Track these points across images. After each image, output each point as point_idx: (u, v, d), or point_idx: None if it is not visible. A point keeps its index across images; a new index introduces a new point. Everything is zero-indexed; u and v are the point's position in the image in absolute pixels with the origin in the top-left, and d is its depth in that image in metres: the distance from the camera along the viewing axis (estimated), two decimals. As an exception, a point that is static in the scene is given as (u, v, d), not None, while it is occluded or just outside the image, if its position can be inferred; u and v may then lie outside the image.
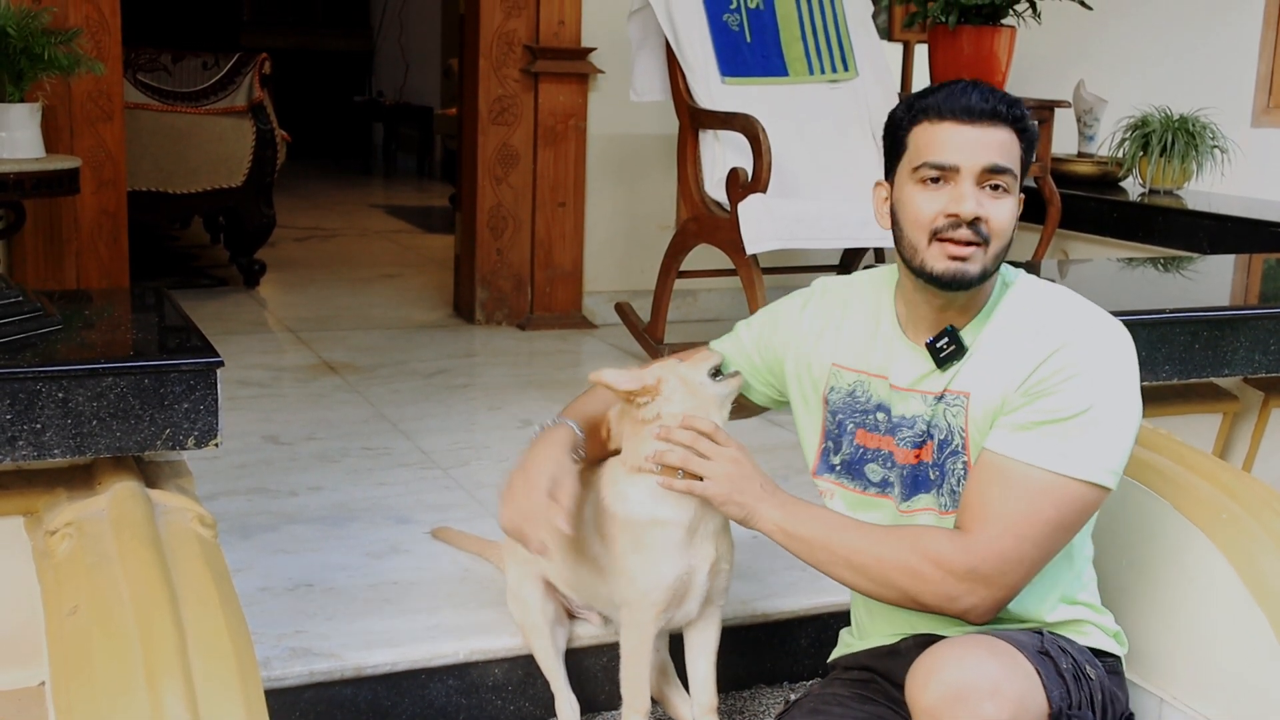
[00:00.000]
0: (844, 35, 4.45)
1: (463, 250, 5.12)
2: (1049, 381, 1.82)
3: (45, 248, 4.25)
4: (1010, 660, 1.75)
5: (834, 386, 2.04)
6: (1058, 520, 1.81)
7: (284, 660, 2.21)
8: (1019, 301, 1.93)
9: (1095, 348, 1.85)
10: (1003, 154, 1.85)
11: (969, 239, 1.84)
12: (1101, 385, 1.82)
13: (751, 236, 3.80)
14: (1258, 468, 2.99)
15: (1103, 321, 1.90)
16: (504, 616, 2.37)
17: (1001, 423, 1.85)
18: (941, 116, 1.86)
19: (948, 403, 1.90)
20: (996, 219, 1.85)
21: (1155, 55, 5.92)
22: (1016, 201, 1.88)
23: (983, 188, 1.85)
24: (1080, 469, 1.80)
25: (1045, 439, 1.80)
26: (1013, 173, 1.86)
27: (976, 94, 1.86)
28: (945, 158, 1.85)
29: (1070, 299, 1.94)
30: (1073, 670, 1.83)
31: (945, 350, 1.90)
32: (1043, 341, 1.85)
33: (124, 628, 1.65)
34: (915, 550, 1.83)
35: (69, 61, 3.76)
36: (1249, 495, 2.18)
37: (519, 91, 4.88)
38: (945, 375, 1.91)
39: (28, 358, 2.00)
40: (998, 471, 1.82)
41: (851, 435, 2.02)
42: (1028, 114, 1.90)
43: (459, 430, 3.64)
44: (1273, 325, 2.76)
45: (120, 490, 1.97)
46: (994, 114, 1.85)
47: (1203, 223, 4.41)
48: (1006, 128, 1.86)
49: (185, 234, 7.24)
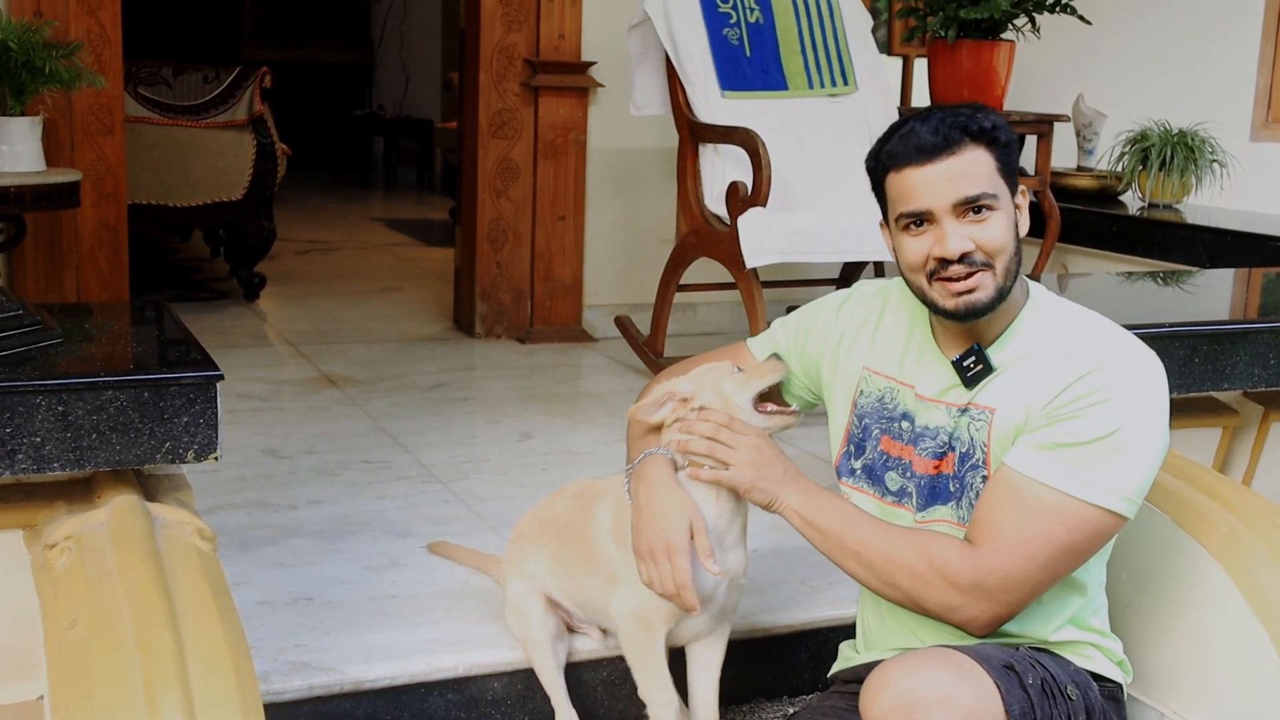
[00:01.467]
0: (843, 49, 4.46)
1: (463, 263, 5.13)
2: (1075, 405, 1.81)
3: (45, 261, 4.25)
4: (965, 673, 1.75)
5: (864, 390, 2.05)
6: (1069, 544, 1.81)
7: (283, 674, 2.21)
8: (1046, 318, 1.92)
9: (1127, 375, 1.84)
10: (971, 180, 1.83)
11: (965, 273, 1.84)
12: (1129, 412, 1.81)
13: (751, 250, 3.81)
14: (1258, 482, 2.99)
15: (1137, 349, 1.89)
16: (503, 630, 2.37)
17: (1023, 440, 1.84)
18: (900, 164, 1.86)
19: (972, 416, 1.90)
20: (987, 241, 1.84)
21: (1154, 70, 5.93)
22: (1008, 213, 1.87)
23: (964, 217, 1.84)
24: (1097, 494, 1.79)
25: (1065, 461, 1.80)
26: (988, 193, 1.84)
27: (926, 129, 1.84)
28: (916, 204, 1.85)
29: (1102, 321, 1.94)
30: (1044, 686, 1.82)
31: (972, 370, 1.90)
32: (1075, 364, 1.84)
33: (123, 641, 1.65)
34: (923, 555, 1.83)
35: (70, 75, 3.76)
36: (1249, 509, 2.18)
37: (519, 105, 4.88)
38: (971, 389, 1.91)
39: (27, 371, 2.00)
40: (1013, 489, 1.82)
41: (876, 441, 2.02)
42: (992, 120, 1.87)
43: (459, 443, 3.64)
44: (1272, 339, 2.77)
45: (120, 504, 1.97)
46: (948, 143, 1.83)
47: (1202, 237, 4.41)
48: (970, 148, 1.84)
49: (185, 247, 7.25)
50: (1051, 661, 1.89)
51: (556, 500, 2.36)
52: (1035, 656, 1.87)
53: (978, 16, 4.49)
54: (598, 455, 3.58)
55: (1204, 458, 2.91)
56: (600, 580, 2.19)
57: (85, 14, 4.18)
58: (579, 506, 2.27)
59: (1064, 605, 1.93)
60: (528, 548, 2.35)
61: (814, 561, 2.78)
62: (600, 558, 2.18)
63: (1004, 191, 1.86)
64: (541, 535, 2.33)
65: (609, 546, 2.16)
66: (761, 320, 3.91)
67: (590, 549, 2.20)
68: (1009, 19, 4.59)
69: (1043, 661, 1.87)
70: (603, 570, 2.18)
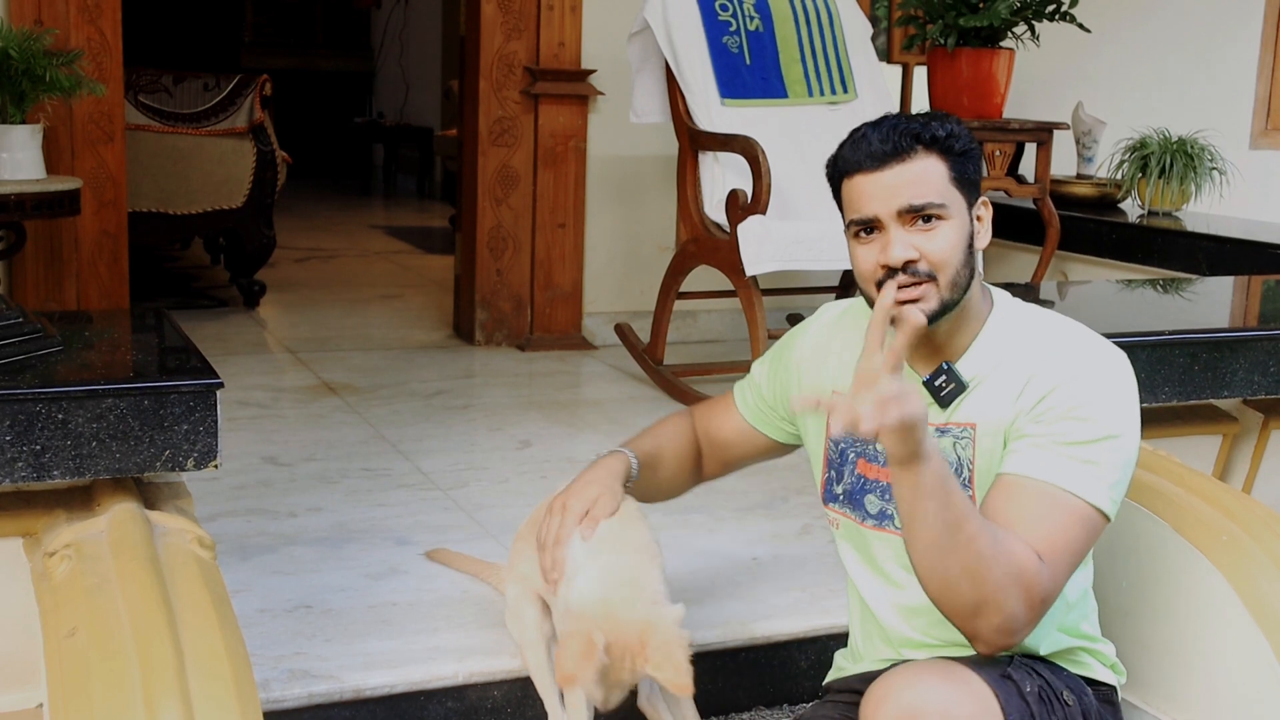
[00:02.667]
0: (843, 57, 4.47)
1: (463, 271, 5.13)
2: (1064, 406, 1.79)
3: (46, 268, 4.25)
4: (963, 684, 1.73)
5: None
6: (1083, 548, 1.80)
7: (283, 682, 2.21)
8: (1014, 325, 1.90)
9: (1107, 377, 1.83)
10: (919, 189, 1.80)
11: (909, 283, 1.80)
12: (1116, 414, 1.81)
13: (751, 258, 3.81)
14: (1258, 489, 2.99)
15: (1109, 349, 1.88)
16: (503, 638, 2.37)
17: (1019, 447, 1.80)
18: (851, 170, 1.85)
19: (955, 436, 1.88)
20: (932, 252, 1.80)
21: (1154, 77, 5.94)
22: (961, 224, 1.83)
23: (912, 225, 1.81)
24: (1099, 496, 1.78)
25: (1074, 463, 1.77)
26: (935, 203, 1.81)
27: (876, 136, 1.82)
28: (863, 211, 1.83)
29: (1070, 327, 1.91)
30: (1041, 693, 1.81)
31: (945, 389, 1.86)
32: (1055, 368, 1.82)
33: (122, 649, 1.64)
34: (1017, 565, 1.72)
35: (70, 83, 3.77)
36: (1249, 517, 2.17)
37: (519, 113, 4.89)
38: (946, 409, 1.89)
39: (28, 379, 2.00)
40: (1039, 495, 1.77)
41: (853, 465, 2.00)
42: (948, 128, 1.83)
43: (458, 451, 3.64)
44: (1272, 347, 2.77)
45: (119, 512, 1.97)
46: (898, 150, 1.80)
47: (1201, 244, 4.41)
48: (921, 156, 1.81)
49: (185, 255, 7.25)
50: (1046, 669, 1.88)
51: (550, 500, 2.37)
52: (1030, 665, 1.86)
53: (977, 24, 4.50)
54: (597, 463, 3.57)
55: (1204, 465, 2.91)
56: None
57: (86, 22, 4.19)
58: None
59: (1050, 615, 1.92)
60: (521, 548, 2.36)
61: (813, 569, 2.79)
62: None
63: (957, 202, 1.83)
64: (532, 535, 2.34)
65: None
66: (761, 327, 3.92)
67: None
68: (1008, 27, 4.60)
69: (1038, 669, 1.86)
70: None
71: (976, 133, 4.59)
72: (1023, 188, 4.70)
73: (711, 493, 3.29)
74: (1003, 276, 5.01)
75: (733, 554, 2.85)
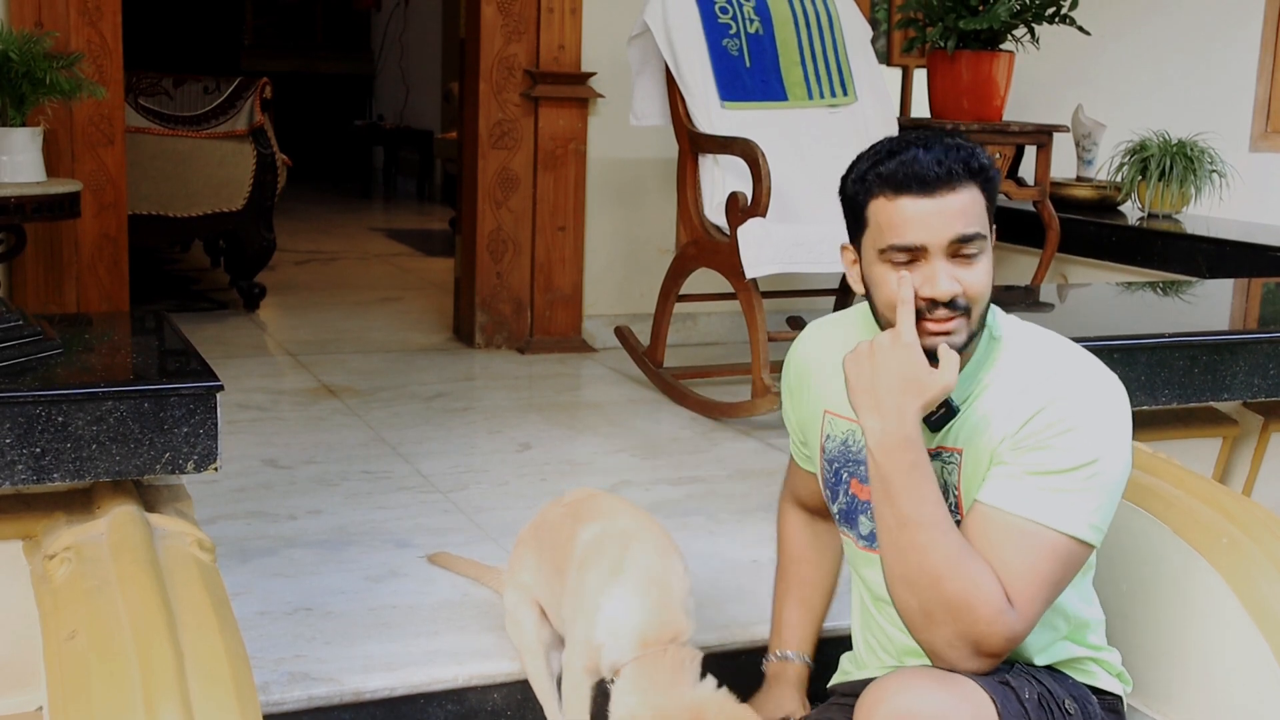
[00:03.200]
0: (843, 60, 4.47)
1: (463, 274, 5.13)
2: (1043, 435, 1.77)
3: (46, 271, 4.25)
4: (959, 689, 1.72)
5: (829, 434, 2.01)
6: (1060, 579, 1.78)
7: (282, 685, 2.21)
8: (1010, 353, 1.87)
9: (1091, 402, 1.80)
10: (968, 219, 1.75)
11: (948, 316, 1.77)
12: (1098, 441, 1.78)
13: (751, 260, 3.81)
14: (1258, 492, 2.99)
15: (1098, 373, 1.85)
16: (503, 641, 2.37)
17: (996, 474, 1.80)
18: (897, 190, 1.75)
19: (943, 460, 1.86)
20: (973, 286, 1.77)
21: (1153, 80, 5.94)
22: (990, 256, 1.80)
23: (954, 258, 1.77)
24: (1075, 526, 1.76)
25: (1044, 493, 1.76)
26: (981, 234, 1.77)
27: (930, 159, 1.74)
28: (910, 238, 1.75)
29: (1062, 349, 1.88)
30: (1041, 700, 1.80)
31: (936, 414, 1.81)
32: (1037, 393, 1.80)
33: (122, 652, 1.64)
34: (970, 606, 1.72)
35: (71, 86, 3.77)
36: (1249, 519, 2.17)
37: (519, 116, 4.89)
38: (936, 433, 1.87)
39: (27, 381, 2.00)
40: (1004, 528, 1.76)
41: (846, 485, 1.98)
42: (986, 157, 1.79)
43: (458, 454, 3.64)
44: (1272, 349, 2.77)
45: (119, 514, 1.97)
46: (950, 177, 1.74)
47: (1201, 247, 4.41)
48: (967, 186, 1.75)
49: (185, 257, 7.25)
50: (1048, 677, 1.88)
51: (553, 506, 2.38)
52: (1031, 672, 1.86)
53: (977, 27, 4.50)
54: (597, 465, 3.58)
55: (1204, 468, 2.91)
56: (563, 589, 2.20)
57: (86, 25, 4.19)
58: (569, 516, 2.28)
59: (1051, 630, 1.91)
60: (522, 554, 2.37)
61: (814, 572, 2.78)
62: (567, 571, 2.19)
63: (989, 233, 1.80)
64: (533, 540, 2.35)
65: (574, 566, 2.16)
66: (761, 330, 3.92)
67: (561, 557, 2.21)
68: (1008, 30, 4.61)
69: (1038, 677, 1.85)
70: (566, 582, 2.19)
71: (976, 136, 4.60)
72: (1023, 190, 4.70)
73: (711, 495, 3.30)
74: (1002, 279, 5.01)
75: (732, 556, 2.85)
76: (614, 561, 2.10)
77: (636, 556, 2.11)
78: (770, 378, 3.88)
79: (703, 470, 3.55)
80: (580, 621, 2.11)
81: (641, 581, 2.09)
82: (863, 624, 2.06)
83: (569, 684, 2.14)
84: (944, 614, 1.72)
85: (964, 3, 4.56)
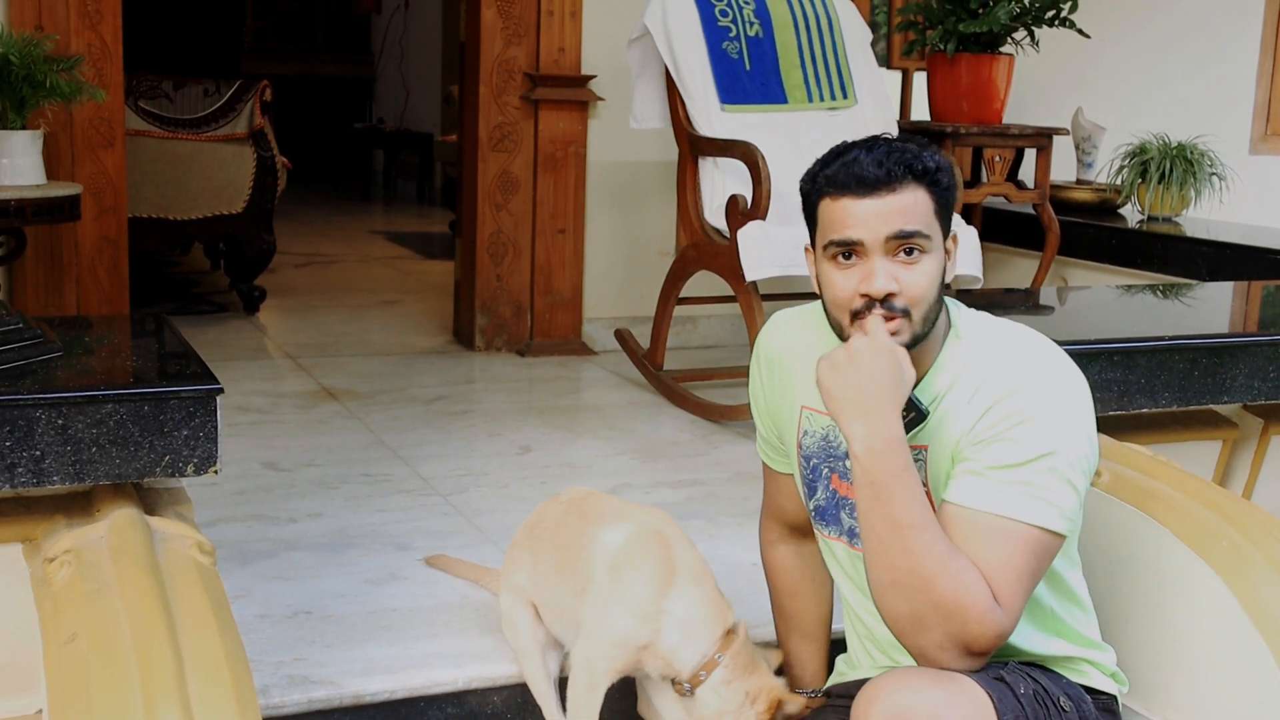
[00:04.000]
0: (843, 63, 4.47)
1: (463, 276, 5.13)
2: (999, 427, 1.78)
3: (46, 274, 4.25)
4: (956, 686, 1.73)
5: (807, 430, 2.01)
6: (1034, 570, 1.78)
7: (282, 688, 2.20)
8: (968, 346, 1.88)
9: (1047, 392, 1.80)
10: (908, 217, 1.78)
11: (888, 316, 1.79)
12: (1054, 431, 1.78)
13: (751, 263, 3.81)
14: (1258, 494, 2.99)
15: (1055, 364, 1.85)
16: (502, 644, 2.37)
17: (959, 471, 1.80)
18: (839, 191, 1.81)
19: (915, 457, 1.86)
20: (911, 287, 1.79)
21: (1153, 83, 5.94)
22: (938, 258, 1.82)
23: (895, 256, 1.79)
24: (1041, 516, 1.76)
25: (1005, 486, 1.76)
26: (923, 233, 1.79)
27: (870, 160, 1.79)
28: (848, 233, 1.80)
29: (1021, 341, 1.89)
30: (1036, 696, 1.81)
31: (906, 416, 1.81)
32: (992, 387, 1.81)
33: (122, 655, 1.64)
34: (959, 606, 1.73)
35: (71, 89, 3.77)
36: (1249, 522, 2.17)
37: (519, 118, 4.89)
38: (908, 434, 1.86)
39: (27, 384, 2.00)
40: (970, 527, 1.77)
41: (827, 480, 1.98)
42: (937, 160, 1.81)
43: (458, 457, 3.64)
44: (1271, 352, 2.77)
45: (119, 517, 1.97)
46: (889, 178, 1.78)
47: (1201, 250, 4.42)
48: (910, 187, 1.79)
49: (185, 260, 7.26)
50: (1043, 675, 1.88)
51: (549, 506, 2.37)
52: (1025, 670, 1.86)
53: (977, 30, 4.50)
54: (597, 468, 3.58)
55: (1204, 471, 2.91)
56: (572, 589, 2.19)
57: (86, 28, 4.19)
58: (573, 513, 2.27)
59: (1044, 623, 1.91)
60: (516, 556, 2.37)
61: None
62: (579, 571, 2.18)
63: (937, 234, 1.82)
64: (528, 541, 2.35)
65: (597, 565, 2.15)
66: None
67: (573, 559, 2.20)
68: (1008, 32, 4.61)
69: (1033, 674, 1.86)
70: (573, 581, 2.19)
71: (976, 138, 4.61)
72: (1022, 193, 4.70)
73: (710, 499, 3.30)
74: (1002, 282, 5.02)
75: (732, 559, 2.85)
76: (662, 562, 2.11)
77: (680, 554, 2.13)
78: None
79: (703, 473, 3.55)
80: (614, 624, 2.10)
81: (696, 578, 2.12)
82: (850, 623, 2.07)
83: (583, 685, 2.13)
84: (935, 616, 1.72)
85: (964, 6, 4.57)
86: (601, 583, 2.14)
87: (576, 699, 2.13)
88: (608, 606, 2.11)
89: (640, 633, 2.08)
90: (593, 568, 2.16)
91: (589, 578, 2.15)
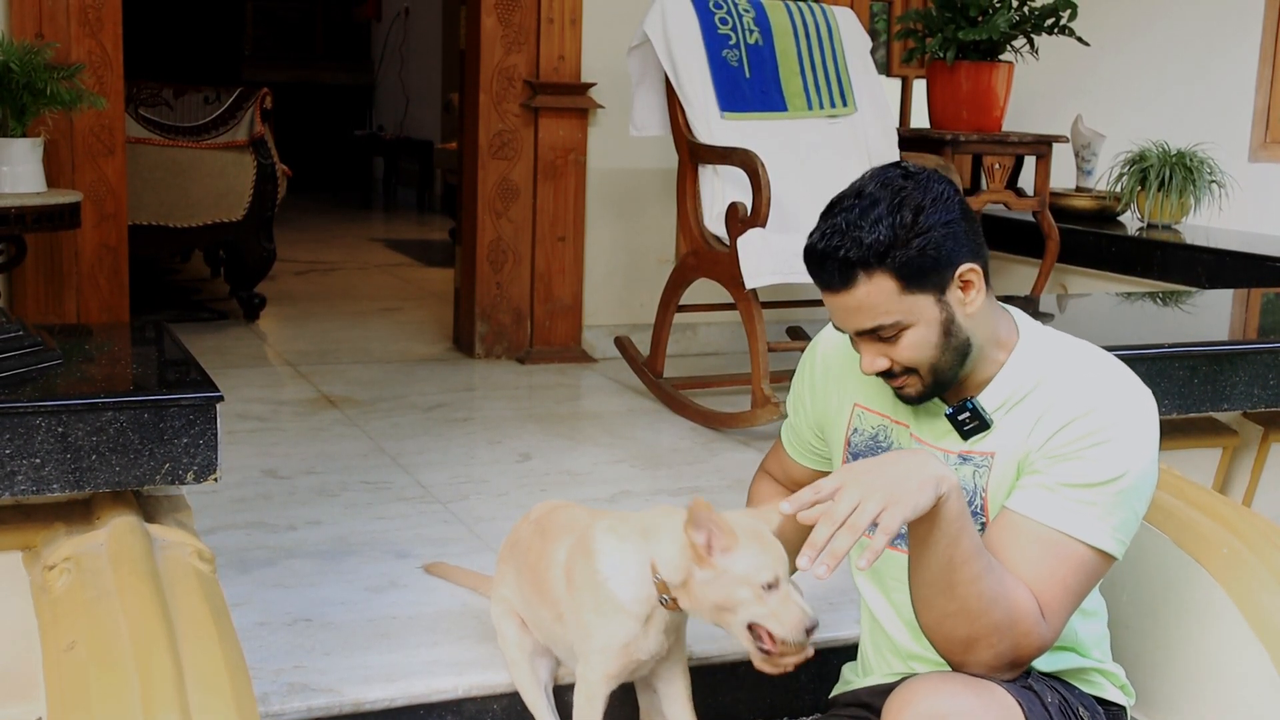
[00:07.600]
0: (843, 71, 4.48)
1: (462, 284, 5.13)
2: (1075, 445, 1.79)
3: (46, 282, 4.25)
4: (987, 693, 1.74)
5: (857, 428, 2.03)
6: (1082, 589, 1.81)
7: (282, 696, 2.20)
8: (1037, 357, 1.88)
9: (1125, 414, 1.81)
10: (870, 312, 1.79)
11: (895, 379, 1.86)
12: (1130, 455, 1.79)
13: (750, 271, 3.81)
14: (1258, 502, 2.99)
15: (1131, 384, 1.86)
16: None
17: (1027, 483, 1.81)
18: (814, 281, 1.86)
19: (975, 464, 1.88)
20: (902, 358, 1.82)
21: (1153, 90, 5.95)
22: (928, 322, 1.80)
23: (874, 340, 1.84)
24: (1102, 538, 1.78)
25: (1074, 505, 1.78)
26: (886, 324, 1.79)
27: (817, 256, 1.80)
28: (833, 321, 1.89)
29: (1097, 358, 1.89)
30: (1060, 705, 1.83)
31: (968, 425, 1.86)
32: (1072, 403, 1.81)
33: (122, 663, 1.64)
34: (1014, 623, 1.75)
35: (71, 96, 3.77)
36: (1249, 530, 2.17)
37: (519, 126, 4.90)
38: (967, 440, 1.89)
39: (27, 392, 2.00)
40: (1034, 538, 1.78)
41: None
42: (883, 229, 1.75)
43: (458, 464, 3.63)
44: (1271, 359, 2.77)
45: (119, 525, 1.97)
46: (844, 280, 1.78)
47: (1201, 257, 4.42)
48: (862, 280, 1.77)
49: (185, 268, 7.26)
50: (1063, 686, 1.90)
51: (522, 525, 2.37)
52: (1048, 680, 1.88)
53: (976, 38, 4.51)
54: (597, 476, 3.58)
55: (1204, 478, 2.91)
56: (551, 613, 2.20)
57: (86, 35, 4.19)
58: (536, 536, 2.28)
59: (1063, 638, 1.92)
60: (503, 569, 2.38)
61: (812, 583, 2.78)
62: (550, 593, 2.18)
63: (915, 307, 1.79)
64: (510, 557, 2.35)
65: (559, 586, 2.16)
66: (761, 340, 3.92)
67: (543, 581, 2.20)
68: (1007, 40, 4.61)
69: (1055, 685, 1.87)
70: (551, 605, 2.19)
71: (975, 146, 4.61)
72: (1022, 201, 4.71)
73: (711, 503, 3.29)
74: (1002, 289, 4.99)
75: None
76: (632, 528, 2.10)
77: (626, 522, 2.12)
78: (770, 388, 3.88)
79: (703, 480, 3.55)
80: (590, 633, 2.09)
81: (642, 528, 2.09)
82: (871, 629, 2.06)
83: (584, 696, 2.12)
84: (991, 636, 1.75)
85: (963, 13, 4.57)
86: (566, 602, 2.14)
87: (579, 710, 2.14)
88: (579, 621, 2.11)
89: (615, 633, 2.07)
90: (557, 589, 2.16)
91: (559, 599, 2.16)
